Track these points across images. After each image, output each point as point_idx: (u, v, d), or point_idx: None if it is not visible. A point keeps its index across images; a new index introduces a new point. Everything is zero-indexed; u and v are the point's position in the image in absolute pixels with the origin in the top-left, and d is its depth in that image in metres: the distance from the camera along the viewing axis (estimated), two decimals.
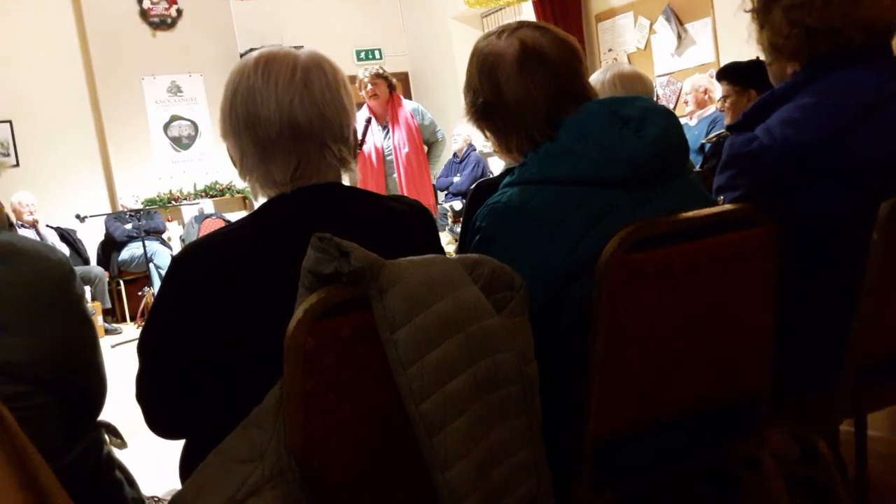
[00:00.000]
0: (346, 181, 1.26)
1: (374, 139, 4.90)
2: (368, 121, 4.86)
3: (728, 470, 1.68)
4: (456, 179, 7.53)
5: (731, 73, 3.23)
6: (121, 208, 7.12)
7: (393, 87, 4.93)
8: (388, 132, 4.94)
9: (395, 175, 4.92)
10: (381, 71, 4.84)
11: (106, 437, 1.35)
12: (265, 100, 1.14)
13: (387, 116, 4.93)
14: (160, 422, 1.21)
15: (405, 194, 4.78)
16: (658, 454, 1.30)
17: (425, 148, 5.13)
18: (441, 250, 1.32)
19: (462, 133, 7.61)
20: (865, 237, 1.29)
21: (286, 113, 1.14)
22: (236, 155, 1.21)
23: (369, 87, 4.80)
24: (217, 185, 7.98)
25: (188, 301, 1.10)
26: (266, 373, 0.98)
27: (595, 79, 2.37)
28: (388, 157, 4.93)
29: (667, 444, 1.30)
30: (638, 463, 1.29)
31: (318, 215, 1.16)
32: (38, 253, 1.17)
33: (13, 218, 6.30)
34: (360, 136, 4.73)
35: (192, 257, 1.13)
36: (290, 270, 1.01)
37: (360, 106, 5.25)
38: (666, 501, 1.68)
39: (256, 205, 1.21)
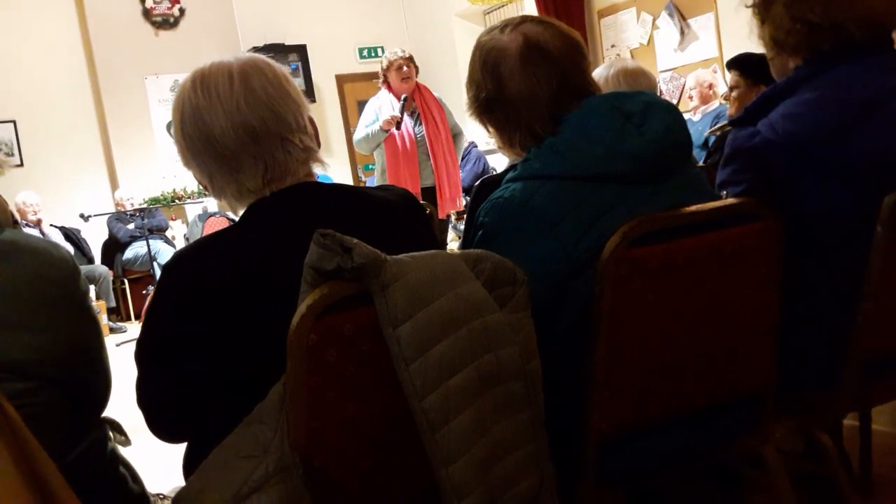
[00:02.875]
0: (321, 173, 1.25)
1: (406, 124, 4.81)
2: (405, 100, 4.73)
3: (731, 466, 1.67)
4: None
5: (744, 65, 3.15)
6: (117, 208, 7.11)
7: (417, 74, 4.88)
8: (418, 119, 4.88)
9: (431, 162, 4.78)
10: (412, 56, 4.78)
11: (110, 433, 1.36)
12: (213, 115, 1.13)
13: (414, 103, 4.86)
14: (163, 427, 1.21)
15: (441, 182, 4.73)
16: (662, 450, 1.30)
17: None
18: (433, 236, 1.31)
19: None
20: (868, 231, 1.29)
21: (237, 120, 1.12)
22: (204, 178, 1.19)
23: (404, 68, 4.70)
24: None
25: (181, 307, 1.09)
26: (267, 370, 0.98)
27: (598, 74, 2.36)
28: (421, 145, 4.87)
29: (670, 441, 1.30)
30: (642, 459, 1.29)
31: (304, 213, 1.14)
32: (42, 250, 1.17)
33: (17, 217, 6.32)
34: (399, 115, 4.64)
35: (182, 263, 1.12)
36: (279, 271, 1.00)
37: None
38: (670, 498, 1.68)
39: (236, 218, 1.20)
